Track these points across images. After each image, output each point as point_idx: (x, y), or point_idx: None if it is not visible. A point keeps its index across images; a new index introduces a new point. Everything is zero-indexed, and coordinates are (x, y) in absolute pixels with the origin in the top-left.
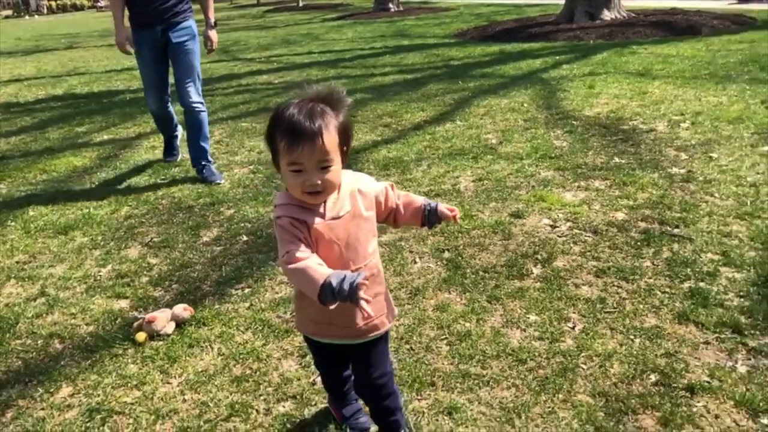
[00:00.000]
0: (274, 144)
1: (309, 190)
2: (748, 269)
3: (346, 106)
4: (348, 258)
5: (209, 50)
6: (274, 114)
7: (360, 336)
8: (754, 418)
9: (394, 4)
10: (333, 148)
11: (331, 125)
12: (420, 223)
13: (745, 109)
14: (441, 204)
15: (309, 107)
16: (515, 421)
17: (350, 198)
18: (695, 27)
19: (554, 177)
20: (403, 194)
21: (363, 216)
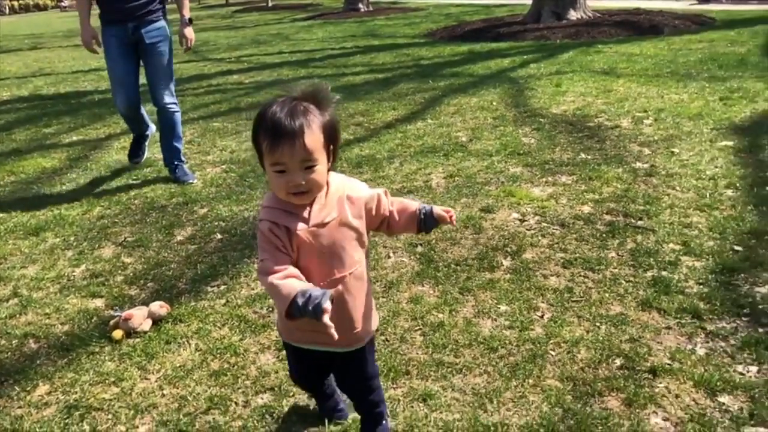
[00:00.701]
0: (258, 144)
1: (293, 191)
2: (707, 258)
3: (332, 104)
4: (332, 266)
5: (186, 48)
6: (258, 113)
7: (345, 345)
8: (712, 397)
9: (363, 5)
10: (317, 148)
11: (314, 124)
12: (416, 229)
13: (704, 106)
14: (436, 207)
15: (292, 105)
16: (487, 406)
17: (338, 204)
18: (658, 27)
19: (523, 173)
20: (396, 200)
21: (350, 224)
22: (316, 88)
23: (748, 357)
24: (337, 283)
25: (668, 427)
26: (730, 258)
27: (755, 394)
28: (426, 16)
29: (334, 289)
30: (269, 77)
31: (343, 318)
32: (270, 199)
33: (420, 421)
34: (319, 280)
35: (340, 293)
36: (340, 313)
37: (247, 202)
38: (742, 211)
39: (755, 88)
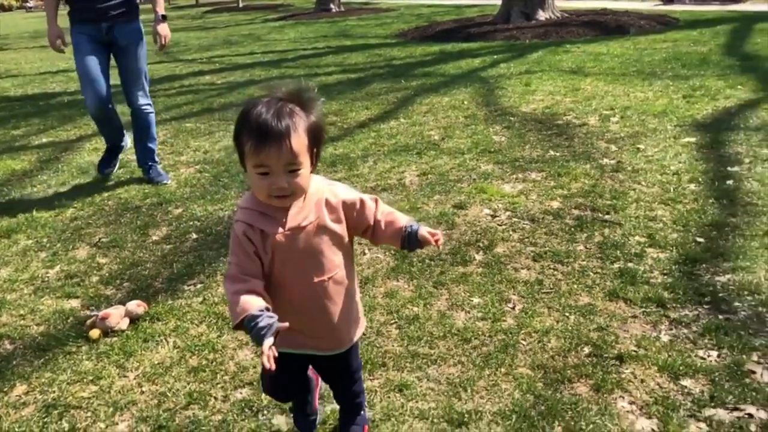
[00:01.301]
0: (240, 144)
1: (276, 194)
2: (671, 250)
3: (317, 106)
4: (310, 270)
5: (160, 46)
6: (241, 112)
7: (327, 349)
8: (675, 381)
9: (335, 5)
10: (302, 151)
11: (300, 126)
12: (399, 245)
13: (668, 104)
14: (423, 227)
15: (277, 106)
16: (462, 395)
17: (315, 208)
18: (624, 27)
19: (494, 170)
20: (387, 211)
21: (328, 228)
22: (301, 88)
23: (708, 342)
24: (316, 288)
25: (634, 410)
26: (692, 249)
27: (715, 377)
28: (397, 17)
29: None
30: (242, 78)
31: (324, 323)
32: (248, 200)
33: (397, 411)
34: (297, 284)
35: (319, 298)
36: (320, 317)
37: (221, 202)
38: (704, 205)
39: (716, 86)
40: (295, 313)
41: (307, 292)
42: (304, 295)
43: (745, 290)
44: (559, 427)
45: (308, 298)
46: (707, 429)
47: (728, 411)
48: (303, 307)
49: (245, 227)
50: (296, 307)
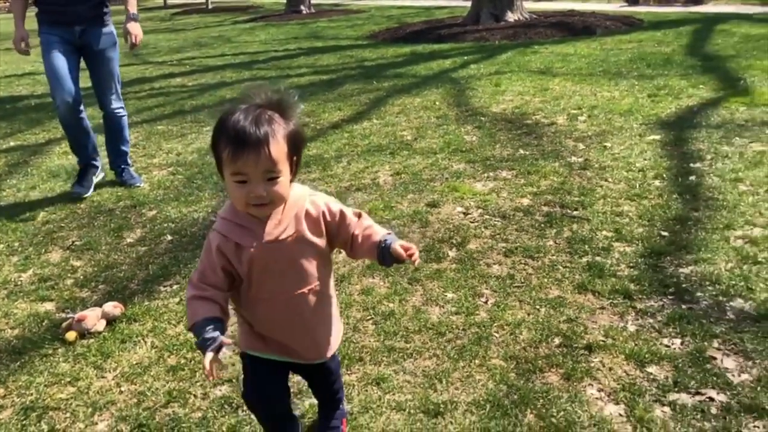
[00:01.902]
0: (218, 152)
1: (254, 202)
2: (637, 243)
3: (297, 113)
4: (289, 282)
5: (131, 45)
6: (218, 120)
7: (307, 359)
8: (641, 368)
9: (305, 6)
10: (281, 158)
11: (279, 133)
12: (377, 260)
13: (634, 103)
14: (397, 242)
15: (256, 113)
16: (437, 386)
17: (295, 220)
18: (590, 28)
19: (466, 169)
20: (366, 224)
21: (308, 240)
22: (281, 95)
23: (673, 331)
24: (297, 300)
25: (602, 397)
26: (657, 243)
27: (679, 363)
28: (368, 18)
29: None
30: (213, 80)
31: (306, 334)
32: (227, 210)
33: (374, 403)
34: (277, 296)
35: (300, 310)
36: (301, 329)
37: (195, 204)
38: (668, 200)
39: (680, 86)
40: (276, 325)
41: (287, 305)
42: (285, 307)
43: (706, 281)
44: (531, 415)
45: (288, 311)
46: (671, 413)
47: (691, 395)
48: (284, 319)
49: (220, 239)
50: (277, 319)
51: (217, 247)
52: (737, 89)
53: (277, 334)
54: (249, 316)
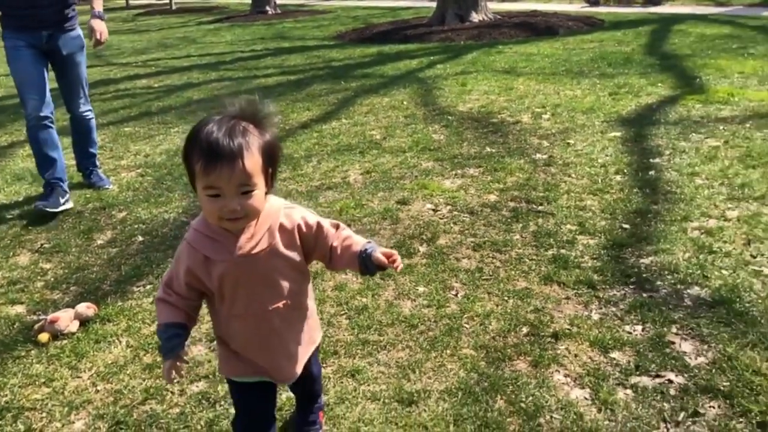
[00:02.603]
0: (190, 164)
1: (227, 217)
2: (600, 236)
3: (272, 124)
4: (262, 297)
5: (96, 43)
6: (191, 131)
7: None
8: (605, 354)
9: (271, 7)
10: (256, 171)
11: (254, 145)
12: (359, 270)
13: (596, 101)
14: (378, 249)
15: (230, 125)
16: (411, 376)
17: (268, 233)
18: (553, 28)
19: (434, 167)
20: (345, 235)
21: (282, 254)
22: (256, 106)
23: (634, 318)
24: (270, 316)
25: (569, 382)
26: (619, 235)
27: (640, 348)
28: (334, 19)
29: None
30: (179, 81)
31: (279, 351)
32: (199, 221)
33: (350, 394)
34: (250, 312)
35: (273, 326)
36: (275, 346)
37: (166, 204)
38: (629, 194)
39: (639, 84)
40: (250, 342)
41: (260, 320)
42: (257, 323)
43: (665, 270)
44: (502, 401)
45: (262, 326)
46: (633, 395)
47: (651, 378)
48: (257, 336)
49: (189, 251)
50: (250, 335)
51: (185, 259)
52: (693, 87)
53: (250, 351)
54: (224, 332)
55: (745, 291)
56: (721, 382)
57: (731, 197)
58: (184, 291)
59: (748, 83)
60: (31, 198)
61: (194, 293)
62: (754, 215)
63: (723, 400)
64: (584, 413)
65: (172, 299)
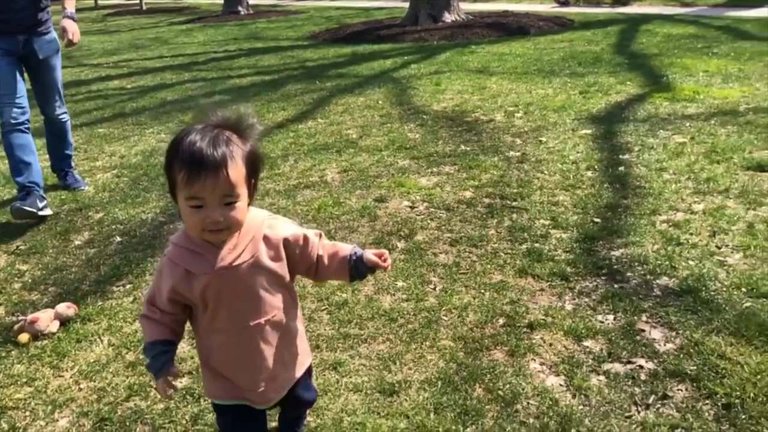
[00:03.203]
0: (171, 175)
1: (210, 228)
2: (572, 230)
3: (255, 134)
4: (244, 312)
5: (68, 43)
6: (172, 141)
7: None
8: (578, 343)
9: (243, 8)
10: (239, 182)
11: (237, 155)
12: (348, 277)
13: (567, 99)
14: (368, 251)
15: (213, 134)
16: (391, 367)
17: (251, 245)
18: (524, 28)
19: (410, 165)
20: (329, 244)
21: (265, 266)
22: (239, 115)
23: (606, 308)
24: (251, 332)
25: (544, 370)
26: (590, 229)
27: (612, 337)
28: (307, 19)
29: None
30: (152, 82)
31: (260, 370)
32: (179, 236)
33: (332, 386)
34: (231, 327)
35: (255, 342)
36: (255, 364)
37: (143, 205)
38: (600, 189)
39: (609, 83)
40: (228, 358)
41: (243, 336)
42: (238, 338)
43: (635, 262)
44: (480, 389)
45: (242, 343)
46: (606, 381)
47: (623, 364)
48: (237, 352)
49: (170, 265)
50: (229, 351)
51: (167, 275)
52: (660, 85)
53: (228, 369)
54: (204, 346)
55: (710, 280)
56: (689, 367)
57: (697, 191)
58: (167, 307)
59: (712, 81)
60: (7, 199)
61: (178, 307)
62: (719, 208)
63: (690, 384)
64: (559, 399)
65: (156, 316)
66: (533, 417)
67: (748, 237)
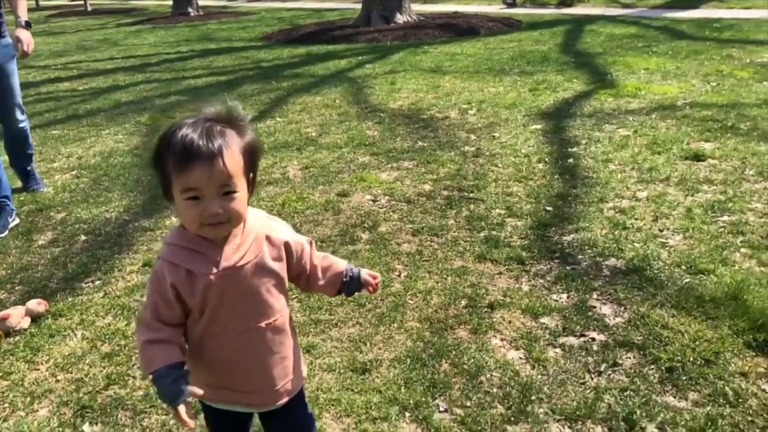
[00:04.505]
0: (164, 171)
1: (209, 221)
2: (526, 218)
3: (249, 128)
4: (246, 315)
5: (23, 54)
6: (162, 136)
7: (262, 405)
8: (535, 320)
9: (193, 9)
10: (236, 172)
11: (233, 144)
12: (335, 292)
13: (517, 97)
14: (364, 270)
15: (206, 126)
16: (362, 348)
17: (255, 244)
18: (474, 29)
19: (370, 161)
20: (322, 255)
21: (269, 267)
22: (231, 110)
23: (560, 288)
24: (253, 335)
25: (505, 345)
26: (543, 216)
27: (566, 313)
28: (259, 20)
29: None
30: (105, 83)
31: (260, 374)
32: (174, 234)
33: (308, 366)
34: (231, 330)
35: (255, 346)
36: (255, 368)
37: (106, 204)
38: (551, 180)
39: (556, 80)
40: (226, 364)
41: (242, 340)
42: (239, 342)
43: (585, 245)
44: (447, 364)
45: (243, 346)
46: (562, 352)
47: (577, 337)
48: (236, 357)
49: (169, 267)
50: (228, 356)
51: (167, 277)
52: (605, 82)
53: (227, 376)
54: (195, 351)
55: (654, 260)
56: (636, 337)
57: (641, 180)
58: (177, 315)
59: (652, 78)
60: None
61: (183, 312)
62: (661, 195)
63: (637, 352)
64: (520, 370)
65: (164, 335)
66: (496, 387)
67: (686, 220)
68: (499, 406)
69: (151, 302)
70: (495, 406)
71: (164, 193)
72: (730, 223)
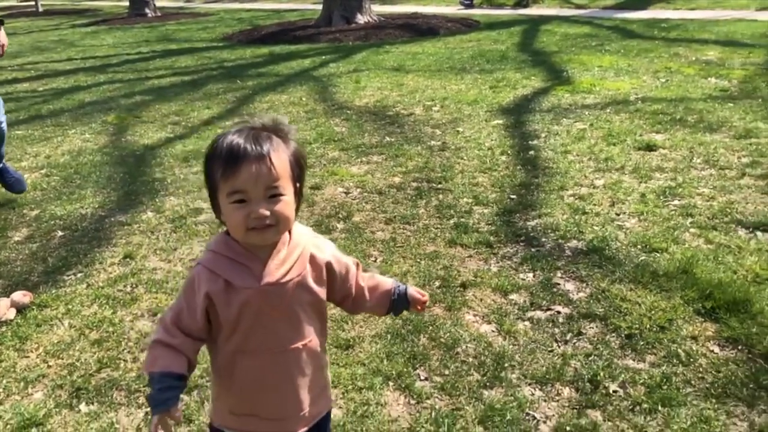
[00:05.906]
0: (211, 177)
1: (254, 225)
2: (492, 206)
3: (294, 139)
4: (282, 335)
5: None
6: (209, 146)
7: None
8: (505, 297)
9: (151, 10)
10: (284, 174)
11: (281, 149)
12: (385, 311)
13: (479, 94)
14: (411, 287)
15: (253, 132)
16: (345, 327)
17: (300, 262)
18: (434, 29)
19: (341, 156)
20: (368, 275)
21: (309, 287)
22: (277, 121)
23: (526, 268)
24: (288, 356)
25: (478, 320)
26: (508, 204)
27: (533, 290)
28: (218, 21)
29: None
30: (66, 84)
31: (289, 398)
32: (217, 241)
33: None
34: (265, 350)
35: (289, 368)
36: (286, 392)
37: (80, 201)
38: (514, 170)
39: (515, 78)
40: (258, 387)
41: (275, 361)
42: (272, 363)
43: (548, 229)
44: (425, 338)
45: (276, 368)
46: (530, 325)
47: (544, 311)
48: (267, 379)
49: (207, 275)
50: (258, 377)
51: (203, 285)
52: (561, 79)
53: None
54: (223, 373)
55: (612, 241)
56: (598, 309)
57: (598, 169)
58: (198, 327)
59: (606, 75)
60: None
61: (208, 326)
62: (616, 182)
63: (599, 322)
64: (493, 342)
65: (175, 342)
66: (472, 357)
67: (641, 205)
68: (475, 373)
69: (177, 306)
70: (471, 373)
71: (212, 206)
72: (680, 206)
